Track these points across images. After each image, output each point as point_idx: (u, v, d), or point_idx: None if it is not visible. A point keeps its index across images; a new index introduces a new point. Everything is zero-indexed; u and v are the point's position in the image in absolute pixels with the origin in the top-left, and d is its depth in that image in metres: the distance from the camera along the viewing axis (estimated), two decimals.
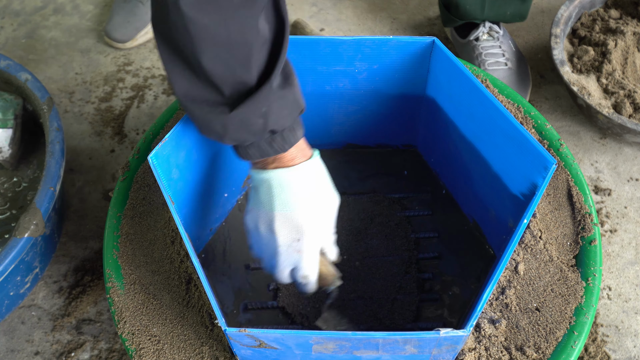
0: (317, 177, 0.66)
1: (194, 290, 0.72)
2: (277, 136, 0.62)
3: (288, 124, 0.62)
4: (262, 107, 0.59)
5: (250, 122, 0.59)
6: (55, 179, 0.85)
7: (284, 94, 0.60)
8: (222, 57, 0.56)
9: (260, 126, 0.60)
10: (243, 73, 0.57)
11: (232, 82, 0.58)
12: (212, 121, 0.60)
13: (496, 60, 1.11)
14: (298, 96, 0.62)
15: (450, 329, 0.57)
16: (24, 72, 0.97)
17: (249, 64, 0.57)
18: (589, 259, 0.72)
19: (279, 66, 0.59)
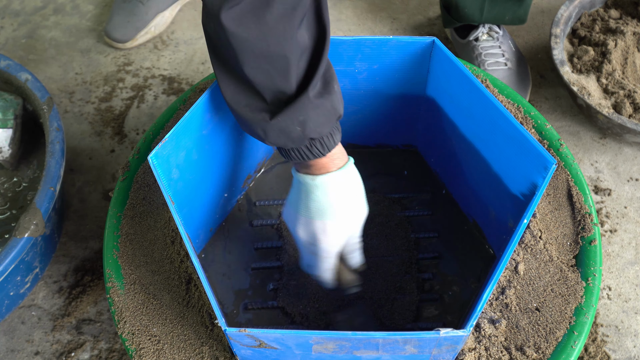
0: (342, 187, 0.67)
1: (194, 290, 0.72)
2: (316, 142, 0.64)
3: (326, 131, 0.63)
4: (299, 116, 0.60)
5: (289, 130, 0.61)
6: (55, 179, 0.86)
7: (321, 103, 0.61)
8: (263, 67, 0.58)
9: (298, 134, 0.62)
10: (282, 82, 0.59)
11: (273, 90, 0.60)
12: (254, 125, 0.63)
13: (496, 61, 1.11)
14: (336, 103, 0.63)
15: (450, 329, 0.57)
16: (24, 72, 0.97)
17: (288, 74, 0.59)
18: (589, 259, 0.72)
19: (317, 75, 0.60)
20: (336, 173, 0.66)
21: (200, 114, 0.70)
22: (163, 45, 1.26)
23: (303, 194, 0.68)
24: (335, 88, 0.63)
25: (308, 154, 0.64)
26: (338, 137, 0.66)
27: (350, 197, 0.68)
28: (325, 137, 0.64)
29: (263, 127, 0.62)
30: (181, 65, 1.23)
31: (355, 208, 0.70)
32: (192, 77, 1.21)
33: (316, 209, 0.67)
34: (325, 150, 0.65)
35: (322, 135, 0.63)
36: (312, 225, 0.68)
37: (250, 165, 0.87)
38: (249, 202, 0.88)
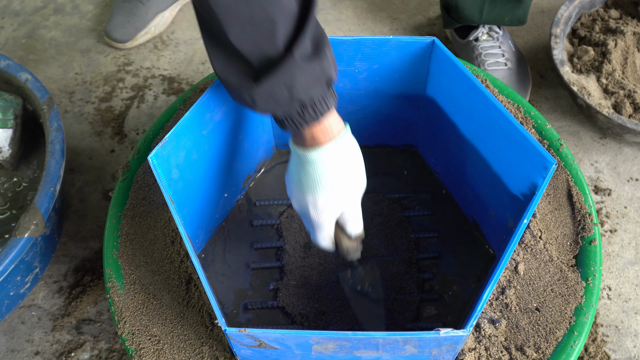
0: (335, 160, 0.66)
1: (194, 290, 0.72)
2: (308, 107, 0.62)
3: (317, 94, 0.62)
4: (285, 78, 0.59)
5: (276, 94, 0.60)
6: (55, 179, 0.85)
7: (309, 65, 0.60)
8: (248, 32, 0.58)
9: (286, 97, 0.60)
10: (269, 47, 0.58)
11: (260, 55, 0.59)
12: (242, 92, 0.62)
13: (496, 61, 1.11)
14: (327, 67, 0.62)
15: (450, 329, 0.57)
16: (24, 72, 0.97)
17: (274, 38, 0.58)
18: (589, 259, 0.72)
19: (303, 36, 0.59)
20: (329, 146, 0.65)
21: (200, 114, 0.70)
22: (163, 45, 1.26)
23: (297, 166, 0.67)
24: (327, 53, 0.62)
25: (300, 120, 0.63)
26: (332, 102, 0.64)
27: (344, 170, 0.67)
28: (317, 101, 0.62)
29: (251, 94, 0.61)
30: (181, 65, 1.23)
31: (349, 181, 0.68)
32: (192, 77, 1.21)
33: (307, 183, 0.66)
34: (318, 115, 0.63)
35: (312, 99, 0.62)
36: (304, 199, 0.68)
37: (250, 165, 0.87)
38: (249, 202, 0.88)
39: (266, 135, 0.88)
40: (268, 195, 0.89)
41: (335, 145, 0.65)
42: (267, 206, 0.88)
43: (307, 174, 0.66)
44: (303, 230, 0.85)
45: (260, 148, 0.88)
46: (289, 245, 0.83)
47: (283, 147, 0.92)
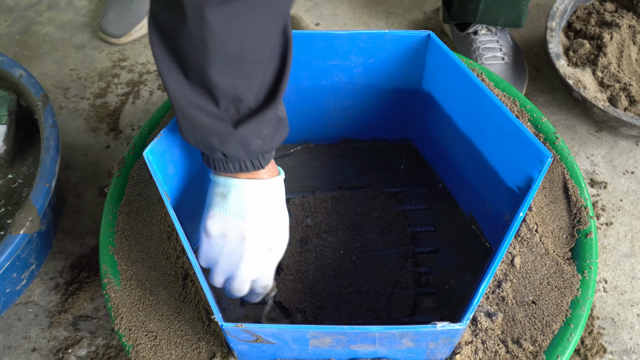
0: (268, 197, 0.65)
1: (190, 286, 0.72)
2: (260, 155, 0.62)
3: (276, 145, 0.62)
4: (264, 129, 0.58)
5: (249, 143, 0.59)
6: (50, 175, 0.85)
7: (282, 117, 0.60)
8: (230, 71, 0.55)
9: (257, 147, 0.60)
10: (245, 91, 0.57)
11: (233, 97, 0.57)
12: (210, 133, 0.59)
13: (493, 55, 1.11)
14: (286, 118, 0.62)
15: (447, 322, 0.57)
16: (18, 68, 0.96)
17: (254, 85, 0.57)
18: (585, 251, 0.72)
19: (282, 88, 0.58)
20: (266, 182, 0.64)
21: None
22: None
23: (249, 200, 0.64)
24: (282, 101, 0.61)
25: (249, 165, 0.61)
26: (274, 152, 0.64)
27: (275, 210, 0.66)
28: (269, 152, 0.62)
29: (223, 137, 0.58)
30: None
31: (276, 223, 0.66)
32: None
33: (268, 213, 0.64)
34: (264, 163, 0.62)
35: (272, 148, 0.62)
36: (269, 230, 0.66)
37: None
38: None
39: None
40: None
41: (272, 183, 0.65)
42: None
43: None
44: (300, 225, 0.85)
45: None
46: None
47: None
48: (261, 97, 0.58)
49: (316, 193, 0.87)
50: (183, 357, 0.68)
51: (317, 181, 0.90)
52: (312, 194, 0.87)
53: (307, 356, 0.65)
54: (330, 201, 0.87)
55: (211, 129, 0.58)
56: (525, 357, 0.66)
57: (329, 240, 0.83)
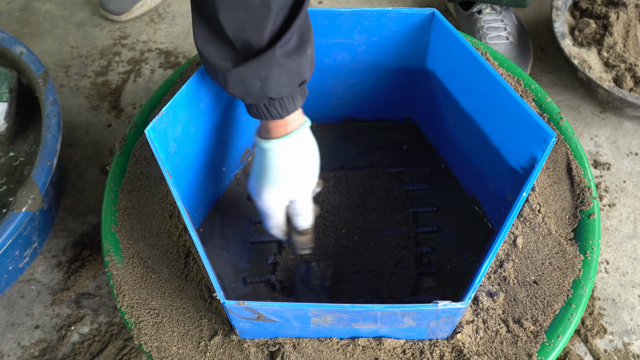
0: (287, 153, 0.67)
1: (192, 264, 0.72)
2: (275, 102, 0.63)
3: (286, 93, 0.62)
4: (261, 71, 0.59)
5: (248, 84, 0.61)
6: (52, 153, 0.85)
7: (287, 63, 0.60)
8: (238, 15, 0.57)
9: (257, 89, 0.61)
10: (254, 34, 0.58)
11: (243, 40, 0.59)
12: (217, 70, 0.62)
13: (498, 34, 1.10)
14: (303, 67, 0.62)
15: (449, 301, 0.57)
16: (18, 45, 0.95)
17: (263, 27, 0.58)
18: (588, 232, 0.72)
19: (288, 34, 0.59)
20: (282, 140, 0.66)
21: (197, 87, 0.70)
22: (159, 19, 1.24)
23: (260, 156, 0.68)
24: (307, 51, 0.61)
25: (266, 113, 0.64)
26: (300, 102, 0.64)
27: (293, 164, 0.68)
28: (285, 99, 0.63)
29: (224, 75, 0.61)
30: (178, 38, 1.22)
31: (298, 175, 0.69)
32: (189, 51, 1.20)
33: (258, 171, 0.68)
34: (284, 113, 0.64)
35: (282, 97, 0.62)
36: (253, 186, 0.70)
37: (248, 139, 0.87)
38: (247, 177, 0.88)
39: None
40: None
41: (289, 140, 0.66)
42: None
43: (259, 163, 0.68)
44: None
45: (258, 122, 0.87)
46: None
47: None
48: (264, 39, 0.59)
49: None
50: (185, 334, 0.68)
51: None
52: None
53: (308, 334, 0.65)
54: (332, 181, 0.86)
55: (217, 65, 0.61)
56: (526, 336, 0.66)
57: (331, 220, 0.83)
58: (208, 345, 0.67)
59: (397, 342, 0.66)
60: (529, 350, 0.65)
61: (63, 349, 0.90)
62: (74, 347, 0.90)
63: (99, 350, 0.89)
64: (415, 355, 0.65)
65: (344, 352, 0.66)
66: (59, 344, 0.90)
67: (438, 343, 0.66)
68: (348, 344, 0.66)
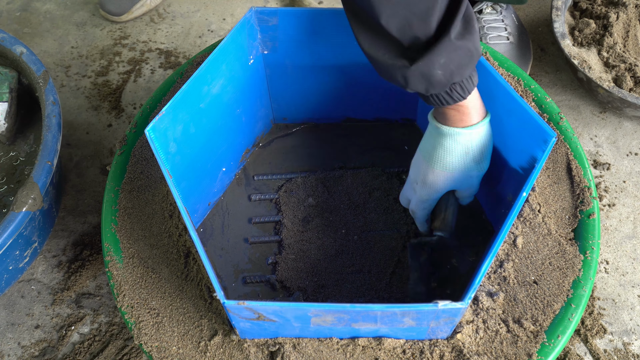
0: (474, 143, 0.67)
1: (192, 264, 0.73)
2: (457, 86, 0.63)
3: (467, 73, 0.62)
4: (440, 59, 0.59)
5: (430, 74, 0.60)
6: (52, 153, 0.85)
7: (463, 44, 0.60)
8: (400, 14, 0.57)
9: (440, 78, 0.60)
10: (421, 27, 0.58)
11: (410, 36, 0.59)
12: (394, 72, 0.62)
13: (498, 35, 1.10)
14: (477, 43, 0.62)
15: (449, 301, 0.57)
16: (18, 45, 0.95)
17: (429, 18, 0.58)
18: (587, 232, 0.72)
19: (458, 16, 0.59)
20: (472, 129, 0.66)
21: (197, 87, 0.70)
22: (159, 19, 1.25)
23: (431, 138, 0.68)
24: (475, 27, 0.61)
25: (448, 99, 0.63)
26: (476, 79, 0.64)
27: (478, 154, 0.69)
28: (465, 80, 0.62)
29: (403, 74, 0.60)
30: (178, 38, 1.22)
31: (479, 165, 0.70)
32: (189, 51, 1.20)
33: (429, 154, 0.69)
34: (465, 94, 0.63)
35: (462, 79, 0.62)
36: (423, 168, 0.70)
37: (248, 139, 0.87)
38: (247, 177, 0.88)
39: (264, 110, 0.87)
40: (266, 170, 0.88)
41: (477, 130, 0.66)
42: (265, 180, 0.88)
43: (434, 146, 0.68)
44: (302, 204, 0.85)
45: (258, 122, 0.87)
46: (288, 220, 0.83)
47: (281, 121, 0.92)
48: (433, 28, 0.59)
49: (318, 172, 0.87)
50: (185, 334, 0.68)
51: (319, 160, 0.90)
52: (315, 173, 0.87)
53: (308, 334, 0.65)
54: (332, 181, 0.86)
55: (393, 68, 0.61)
56: (526, 336, 0.66)
57: (331, 220, 0.83)
58: (208, 345, 0.67)
59: (397, 342, 0.66)
60: (529, 350, 0.65)
61: (63, 348, 0.90)
62: (74, 347, 0.90)
63: (99, 350, 0.89)
64: (415, 355, 0.65)
65: (344, 352, 0.66)
66: (59, 344, 0.90)
67: (438, 343, 0.66)
68: (348, 344, 0.66)
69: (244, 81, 0.78)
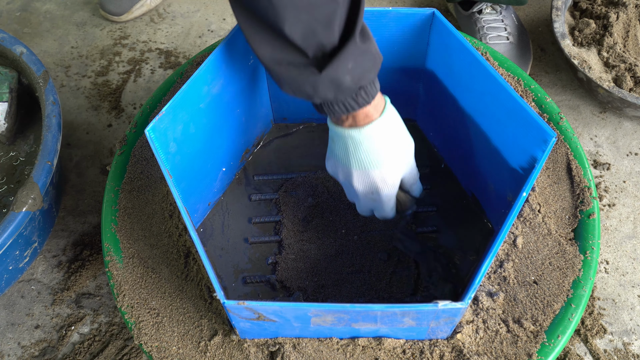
0: (388, 131, 0.67)
1: (192, 264, 0.73)
2: (362, 91, 0.63)
3: (372, 77, 0.62)
4: (348, 63, 0.59)
5: (340, 80, 0.60)
6: (52, 153, 0.85)
7: (366, 48, 0.60)
8: (304, 21, 0.56)
9: (349, 82, 0.60)
10: (325, 34, 0.58)
11: (315, 44, 0.58)
12: (301, 82, 0.61)
13: (498, 35, 1.10)
14: (377, 48, 0.62)
15: (449, 301, 0.57)
16: (18, 45, 0.96)
17: (331, 24, 0.57)
18: (587, 232, 0.72)
19: (359, 20, 0.59)
20: (380, 120, 0.66)
21: (197, 87, 0.70)
22: (159, 19, 1.25)
23: (351, 148, 0.67)
24: (370, 33, 0.62)
25: (354, 104, 0.63)
26: (378, 84, 0.65)
27: (398, 137, 0.69)
28: (369, 85, 0.63)
29: (312, 83, 0.60)
30: (178, 38, 1.22)
31: (404, 145, 0.70)
32: (189, 51, 1.20)
33: (369, 160, 0.68)
34: (369, 98, 0.63)
35: (368, 83, 0.62)
36: (370, 176, 0.69)
37: (248, 139, 0.87)
38: (247, 177, 0.88)
39: (264, 109, 0.87)
40: (266, 170, 0.88)
41: (384, 119, 0.66)
42: (265, 181, 0.88)
43: (367, 151, 0.67)
44: (302, 204, 0.84)
45: (258, 122, 0.87)
46: (288, 220, 0.83)
47: (281, 121, 0.92)
48: (336, 35, 0.58)
49: (318, 172, 0.87)
50: (185, 334, 0.68)
51: (319, 160, 0.89)
52: (314, 173, 0.87)
53: (308, 334, 0.65)
54: (332, 180, 0.86)
55: (300, 79, 0.60)
56: (526, 336, 0.66)
57: (331, 220, 0.83)
58: (208, 345, 0.67)
59: (397, 342, 0.66)
60: (529, 350, 0.65)
61: (63, 348, 0.90)
62: (74, 347, 0.90)
63: (99, 350, 0.89)
64: (415, 355, 0.65)
65: (344, 352, 0.66)
66: (59, 344, 0.90)
67: (438, 343, 0.66)
68: (348, 344, 0.66)
69: (244, 81, 0.78)
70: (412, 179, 0.74)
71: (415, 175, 0.74)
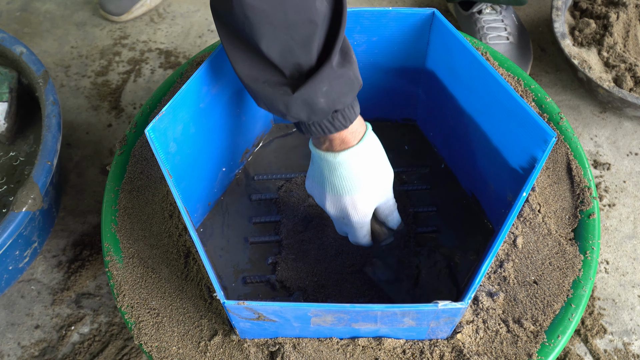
0: (364, 160, 0.67)
1: (192, 264, 0.73)
2: (338, 114, 0.62)
3: (349, 101, 0.62)
4: (323, 86, 0.59)
5: (313, 102, 0.60)
6: (52, 153, 0.85)
7: (344, 72, 0.60)
8: (281, 39, 0.56)
9: (323, 105, 0.60)
10: (302, 54, 0.58)
11: (292, 63, 0.58)
12: (275, 100, 0.61)
13: (498, 35, 1.10)
14: (357, 73, 0.62)
15: (449, 301, 0.57)
16: (18, 45, 0.96)
17: (309, 45, 0.57)
18: (588, 232, 0.72)
19: (338, 44, 0.59)
20: (357, 147, 0.66)
21: (197, 87, 0.70)
22: (159, 19, 1.25)
23: (326, 171, 0.67)
24: (353, 57, 0.62)
25: (330, 127, 0.63)
26: (358, 108, 0.64)
27: (374, 166, 0.68)
28: (347, 109, 0.62)
29: (285, 102, 0.60)
30: (178, 38, 1.22)
31: (381, 175, 0.69)
32: (189, 51, 1.20)
33: (342, 186, 0.67)
34: (347, 123, 0.63)
35: (344, 106, 0.62)
36: (341, 202, 0.69)
37: (248, 139, 0.87)
38: (247, 177, 0.88)
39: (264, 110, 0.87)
40: (266, 170, 0.88)
41: (362, 146, 0.66)
42: (265, 180, 0.88)
43: (340, 177, 0.67)
44: (301, 204, 0.84)
45: (258, 122, 0.87)
46: (288, 220, 0.83)
47: (281, 121, 0.92)
48: (314, 57, 0.58)
49: None
50: (185, 334, 0.68)
51: None
52: None
53: (308, 334, 0.65)
54: None
55: (274, 97, 0.60)
56: (526, 336, 0.66)
57: (331, 220, 0.83)
58: (208, 345, 0.67)
59: (397, 342, 0.66)
60: (529, 350, 0.65)
61: (63, 349, 0.90)
62: (74, 347, 0.90)
63: (99, 350, 0.89)
64: (415, 355, 0.65)
65: (344, 352, 0.66)
66: (59, 344, 0.90)
67: (438, 343, 0.66)
68: (348, 344, 0.66)
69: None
70: (387, 210, 0.74)
71: (391, 206, 0.74)
